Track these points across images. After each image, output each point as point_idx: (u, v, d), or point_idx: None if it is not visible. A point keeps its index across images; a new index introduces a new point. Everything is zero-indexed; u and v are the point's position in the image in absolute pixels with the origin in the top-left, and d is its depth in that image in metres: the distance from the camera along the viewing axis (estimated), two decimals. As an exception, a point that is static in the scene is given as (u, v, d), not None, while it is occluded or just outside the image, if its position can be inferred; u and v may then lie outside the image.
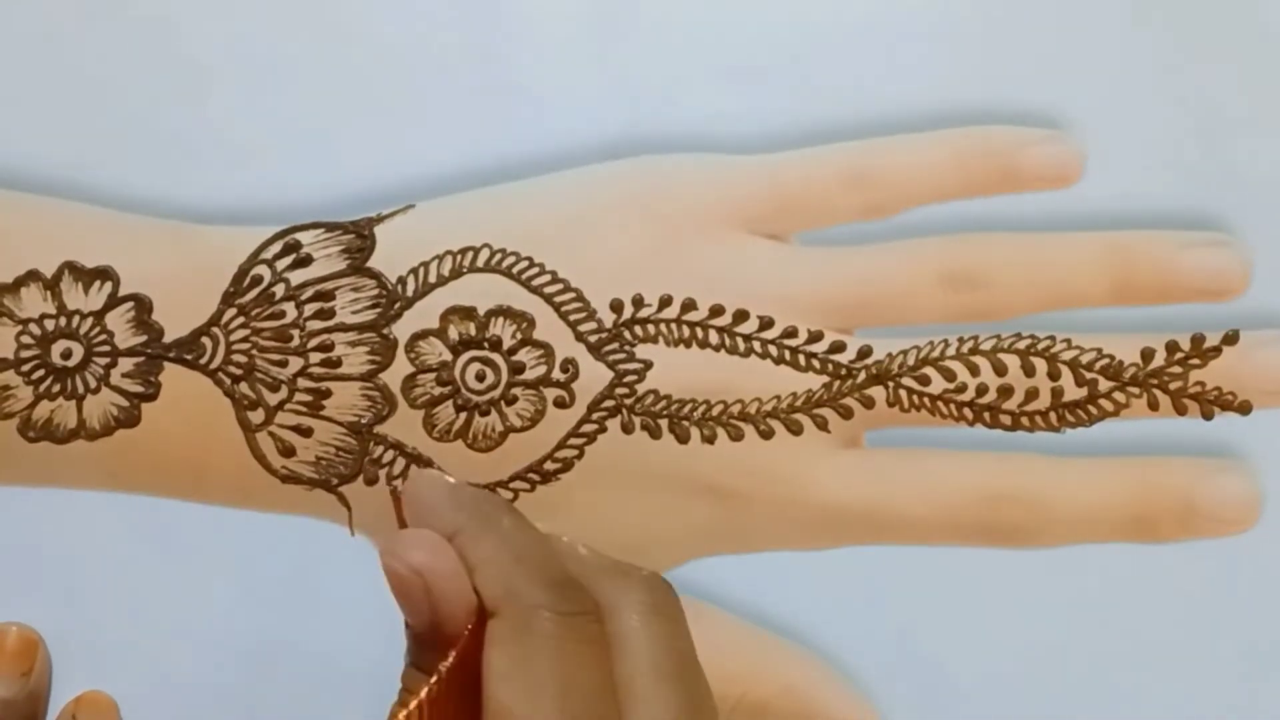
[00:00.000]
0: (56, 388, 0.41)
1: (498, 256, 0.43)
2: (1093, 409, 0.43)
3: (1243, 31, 0.45)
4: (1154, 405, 0.43)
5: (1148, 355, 0.43)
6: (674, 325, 0.43)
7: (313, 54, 0.44)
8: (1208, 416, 0.43)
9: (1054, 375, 0.43)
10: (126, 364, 0.42)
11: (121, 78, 0.44)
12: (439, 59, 0.44)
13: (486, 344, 0.43)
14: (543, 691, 0.34)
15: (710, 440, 0.43)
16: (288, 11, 0.44)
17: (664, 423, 0.43)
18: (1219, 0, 0.45)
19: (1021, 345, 0.43)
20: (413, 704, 0.34)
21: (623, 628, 0.36)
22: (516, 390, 0.43)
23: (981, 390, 0.43)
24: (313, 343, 0.42)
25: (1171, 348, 0.43)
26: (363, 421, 0.42)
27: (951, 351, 0.43)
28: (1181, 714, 0.45)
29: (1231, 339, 0.43)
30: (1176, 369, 0.43)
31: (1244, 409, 0.43)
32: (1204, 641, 0.45)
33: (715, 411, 0.43)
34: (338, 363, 0.42)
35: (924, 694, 0.46)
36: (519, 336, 0.43)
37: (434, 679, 0.35)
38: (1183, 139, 0.45)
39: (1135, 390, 0.43)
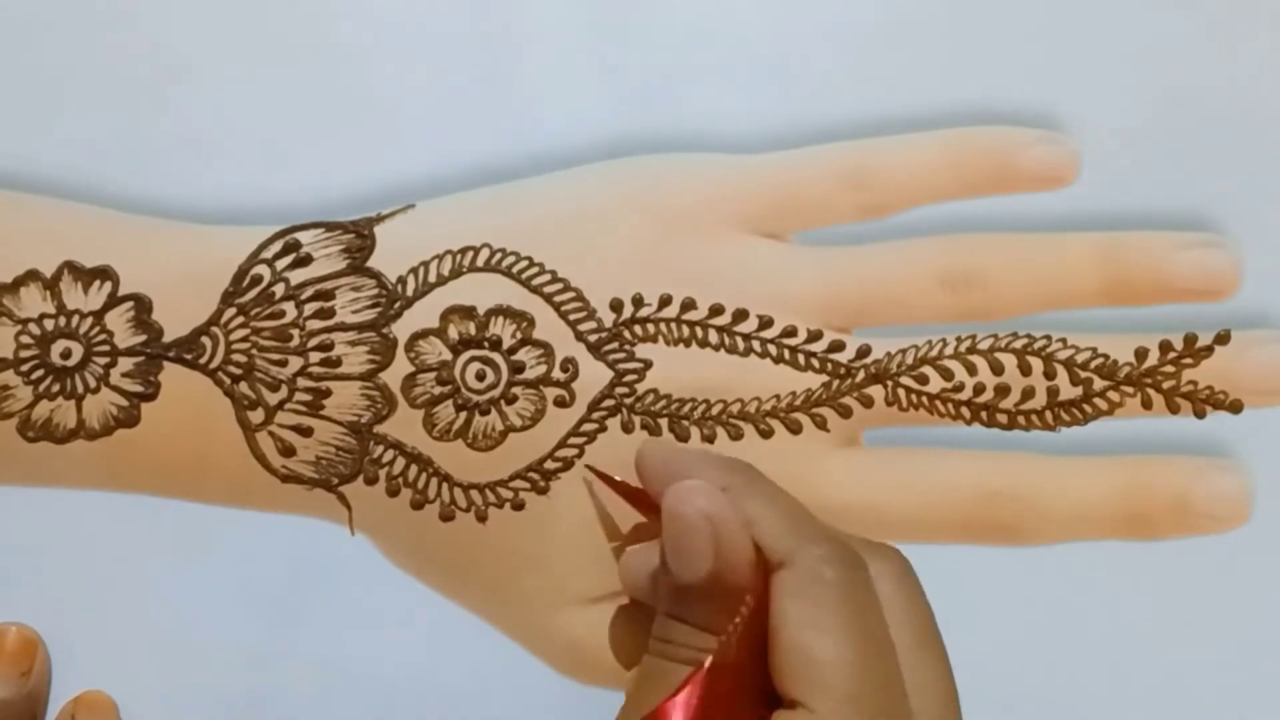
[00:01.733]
0: (56, 387, 0.41)
1: (498, 256, 0.43)
2: (1088, 408, 0.43)
3: (1242, 31, 0.45)
4: (1148, 404, 0.44)
5: (1141, 355, 0.44)
6: (674, 325, 0.43)
7: (313, 54, 0.44)
8: (1200, 415, 0.44)
9: (1050, 374, 0.43)
10: (126, 364, 0.42)
11: (122, 78, 0.44)
12: (439, 59, 0.44)
13: (486, 343, 0.43)
14: (844, 638, 0.35)
15: (710, 439, 0.43)
16: (289, 12, 0.44)
17: (664, 422, 0.43)
18: (1218, 1, 0.45)
19: (1018, 345, 0.44)
20: (723, 642, 0.35)
21: (888, 596, 0.37)
22: (516, 389, 0.43)
23: (979, 389, 0.43)
24: (312, 342, 0.42)
25: (1165, 347, 0.44)
26: (363, 421, 0.42)
27: (949, 351, 0.44)
28: (1180, 712, 0.45)
29: (1223, 338, 0.44)
30: (1170, 368, 0.44)
31: (1236, 408, 0.44)
32: (1198, 638, 0.45)
33: (715, 411, 0.43)
34: (337, 362, 0.42)
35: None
36: (519, 336, 0.43)
37: (737, 619, 0.35)
38: (1177, 141, 0.45)
39: (1129, 389, 0.44)
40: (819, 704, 0.34)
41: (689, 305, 0.43)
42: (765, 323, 0.43)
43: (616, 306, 0.43)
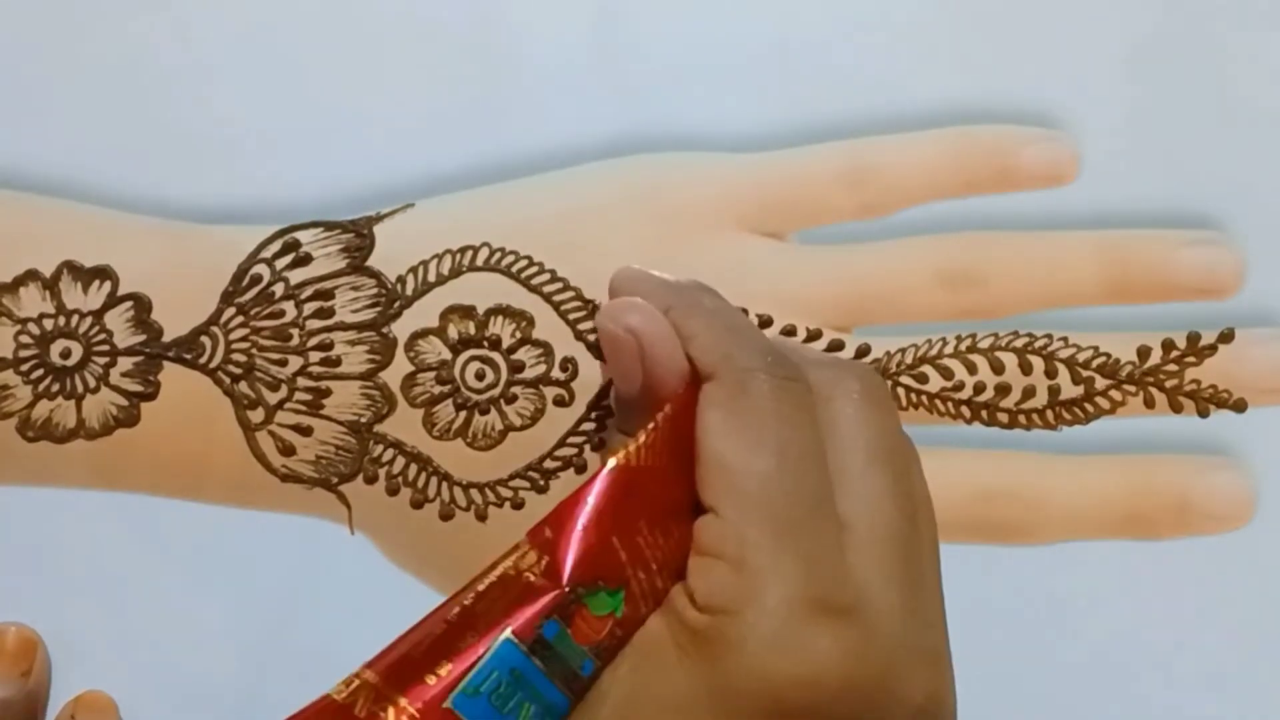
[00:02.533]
0: (55, 387, 0.41)
1: (497, 255, 0.43)
2: (1089, 407, 0.43)
3: (1240, 32, 0.45)
4: (1150, 403, 0.43)
5: (1144, 353, 0.44)
6: (673, 324, 0.43)
7: (313, 54, 0.44)
8: (1203, 414, 0.44)
9: (1051, 373, 0.43)
10: (125, 363, 0.42)
11: (122, 78, 0.44)
12: (440, 59, 0.44)
13: (486, 343, 0.43)
14: (760, 447, 0.34)
15: (710, 438, 0.43)
16: (288, 12, 0.44)
17: (663, 421, 0.43)
18: (1217, 1, 0.45)
19: (1019, 343, 0.43)
20: (631, 446, 0.34)
21: (836, 413, 0.35)
22: (516, 389, 0.43)
23: (979, 388, 0.43)
24: (312, 342, 0.42)
25: (1167, 346, 0.44)
26: (362, 420, 0.42)
27: (949, 350, 0.43)
28: (1180, 712, 0.45)
29: (1227, 337, 0.44)
30: (1172, 367, 0.44)
31: (1239, 406, 0.44)
32: (1199, 637, 0.45)
33: (715, 410, 0.43)
34: (337, 362, 0.42)
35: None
36: (518, 335, 0.43)
37: (650, 425, 0.35)
38: (1178, 139, 0.45)
39: (1131, 388, 0.43)
40: (726, 509, 0.33)
41: (689, 304, 0.43)
42: (765, 321, 0.43)
43: (616, 306, 0.43)
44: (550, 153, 0.44)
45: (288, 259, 0.42)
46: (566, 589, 0.33)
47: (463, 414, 0.42)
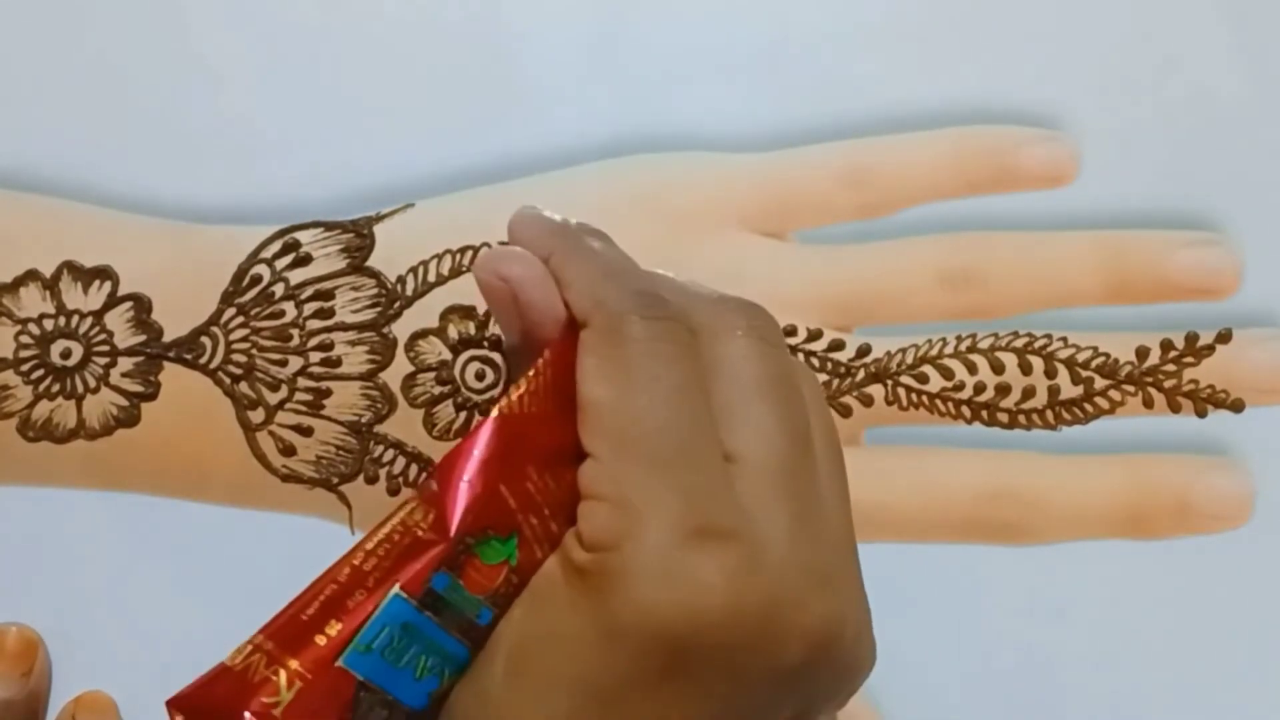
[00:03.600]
0: (56, 387, 0.41)
1: (497, 256, 0.43)
2: (1089, 406, 0.43)
3: (1239, 32, 0.45)
4: (1149, 403, 0.44)
5: (1143, 353, 0.44)
6: (674, 324, 0.43)
7: (314, 55, 0.44)
8: (1201, 414, 0.44)
9: (1050, 373, 0.43)
10: (126, 363, 0.42)
11: (122, 78, 0.44)
12: (440, 59, 0.44)
13: (486, 343, 0.43)
14: (634, 386, 0.34)
15: (710, 438, 0.43)
16: (290, 13, 0.44)
17: (664, 421, 0.43)
18: (1216, 2, 0.45)
19: (1019, 344, 0.43)
20: (514, 394, 0.34)
21: (721, 349, 0.35)
22: (516, 389, 0.43)
23: (979, 388, 0.43)
24: (312, 342, 0.42)
25: (1166, 346, 0.44)
26: (363, 421, 0.42)
27: (949, 350, 0.43)
28: (1180, 712, 0.45)
29: (1225, 337, 0.44)
30: (1171, 367, 0.44)
31: (1237, 406, 0.44)
32: (1198, 636, 0.45)
33: (715, 410, 0.43)
34: (337, 362, 0.42)
35: (925, 694, 0.46)
36: (518, 335, 0.43)
37: (531, 372, 0.35)
38: (1176, 139, 0.45)
39: (1130, 388, 0.44)
40: (601, 450, 0.33)
41: (689, 304, 0.43)
42: (765, 322, 0.43)
43: (617, 305, 0.43)
44: (550, 152, 0.44)
45: (288, 259, 0.42)
46: (454, 540, 0.33)
47: (463, 414, 0.43)
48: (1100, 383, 0.43)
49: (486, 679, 0.33)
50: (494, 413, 0.34)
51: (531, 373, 0.35)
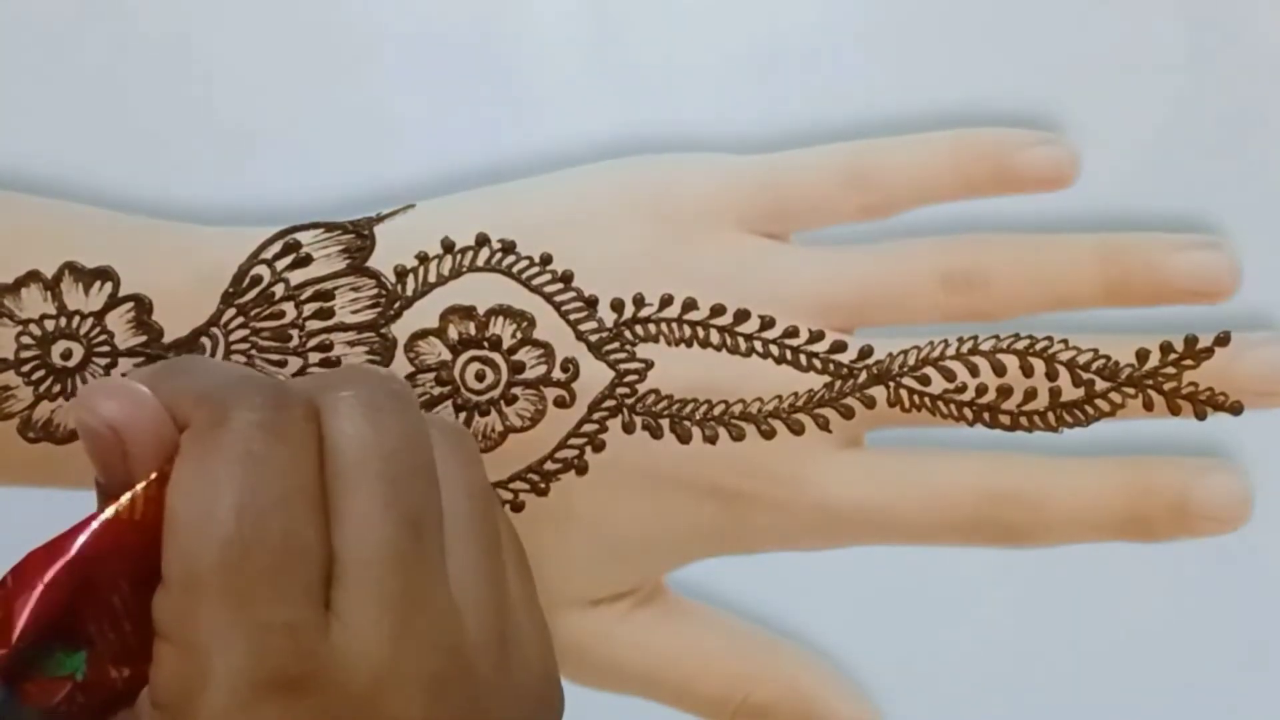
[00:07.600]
0: (56, 388, 0.41)
1: (497, 255, 0.43)
2: (1090, 409, 0.43)
3: (1239, 33, 0.45)
4: (1149, 405, 0.44)
5: (1143, 356, 0.44)
6: (675, 325, 0.43)
7: (313, 54, 0.44)
8: (1201, 417, 0.44)
9: (1052, 376, 0.43)
10: (127, 364, 0.41)
11: (122, 78, 0.44)
12: (439, 59, 0.44)
13: (486, 343, 0.43)
14: (218, 499, 0.31)
15: (712, 440, 0.43)
16: (288, 12, 0.44)
17: (665, 422, 0.43)
18: (1215, 2, 0.45)
19: (1020, 346, 0.44)
20: (126, 498, 0.32)
21: (333, 433, 0.33)
22: (516, 390, 0.43)
23: (981, 390, 0.43)
24: (312, 342, 0.42)
25: (1165, 349, 0.44)
26: (363, 421, 0.42)
27: (951, 352, 0.44)
28: (1178, 713, 0.45)
29: (1223, 340, 0.44)
30: (1170, 370, 0.44)
31: (1236, 409, 0.44)
32: (1198, 640, 0.45)
33: (717, 411, 0.43)
34: (337, 363, 0.42)
35: (926, 694, 0.46)
36: (519, 336, 0.43)
37: (154, 475, 0.32)
38: (1176, 141, 0.45)
39: (1131, 391, 0.44)
40: (174, 581, 0.31)
41: (690, 305, 0.43)
42: (767, 323, 0.43)
43: (617, 306, 0.43)
44: (550, 153, 0.44)
45: (288, 260, 0.42)
46: (13, 650, 0.31)
47: (463, 415, 0.42)
48: (1101, 385, 0.43)
49: None
50: (107, 513, 0.32)
51: (154, 475, 0.32)
